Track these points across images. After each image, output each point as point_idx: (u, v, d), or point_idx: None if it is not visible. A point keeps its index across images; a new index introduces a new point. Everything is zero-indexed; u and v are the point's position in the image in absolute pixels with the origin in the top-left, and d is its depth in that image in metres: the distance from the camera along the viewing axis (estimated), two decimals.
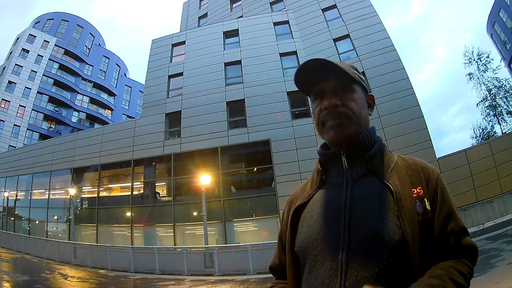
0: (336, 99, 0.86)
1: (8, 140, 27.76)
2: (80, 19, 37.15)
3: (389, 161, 0.87)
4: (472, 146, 15.94)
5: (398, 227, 0.74)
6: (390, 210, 0.77)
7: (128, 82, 41.59)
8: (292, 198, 0.98)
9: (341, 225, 0.78)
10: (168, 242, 14.08)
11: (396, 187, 0.80)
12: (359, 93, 0.90)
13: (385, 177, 0.82)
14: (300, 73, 0.90)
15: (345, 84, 0.88)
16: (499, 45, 31.23)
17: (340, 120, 0.85)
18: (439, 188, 0.83)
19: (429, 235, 0.77)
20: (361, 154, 0.86)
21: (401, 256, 0.73)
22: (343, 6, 17.11)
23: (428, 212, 0.78)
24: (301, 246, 0.84)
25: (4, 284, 8.12)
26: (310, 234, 0.83)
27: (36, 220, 18.78)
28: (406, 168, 0.85)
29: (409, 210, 0.77)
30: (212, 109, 15.50)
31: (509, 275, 5.31)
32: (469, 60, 26.62)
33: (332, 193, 0.85)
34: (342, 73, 0.87)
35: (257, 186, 14.85)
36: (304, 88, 0.94)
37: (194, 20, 25.39)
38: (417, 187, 0.81)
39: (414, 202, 0.78)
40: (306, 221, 0.86)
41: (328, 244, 0.79)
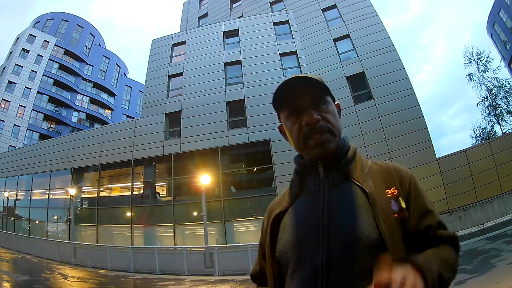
0: (316, 113, 0.87)
1: (8, 140, 27.76)
2: (80, 19, 37.16)
3: (363, 166, 0.90)
4: (472, 146, 15.94)
5: (374, 226, 0.77)
6: (366, 211, 0.80)
7: (128, 82, 41.60)
8: (272, 208, 1.00)
9: (319, 228, 0.81)
10: (168, 242, 14.09)
11: (370, 189, 0.83)
12: (332, 104, 0.93)
13: (359, 181, 0.85)
14: (279, 93, 0.90)
15: (321, 98, 0.89)
16: (499, 45, 31.23)
17: (323, 136, 0.86)
18: (413, 187, 0.86)
19: (407, 231, 0.81)
20: (335, 162, 0.89)
21: (380, 253, 0.75)
22: (343, 6, 17.10)
23: (404, 210, 0.82)
24: (282, 251, 0.86)
25: (4, 284, 8.12)
26: (290, 239, 0.85)
27: (36, 220, 18.78)
28: (379, 171, 0.89)
29: (384, 210, 0.80)
30: (212, 109, 15.51)
31: (509, 275, 5.31)
32: (469, 60, 26.64)
33: (310, 200, 0.88)
34: (319, 87, 0.88)
35: (257, 186, 14.85)
36: (278, 106, 0.94)
37: (194, 20, 25.40)
38: (391, 188, 0.84)
39: (389, 201, 0.82)
40: (286, 228, 0.88)
41: (308, 247, 0.81)
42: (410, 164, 12.97)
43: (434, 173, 12.75)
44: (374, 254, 0.74)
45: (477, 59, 26.40)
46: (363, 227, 0.77)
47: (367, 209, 0.80)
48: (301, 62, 16.12)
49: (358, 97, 14.74)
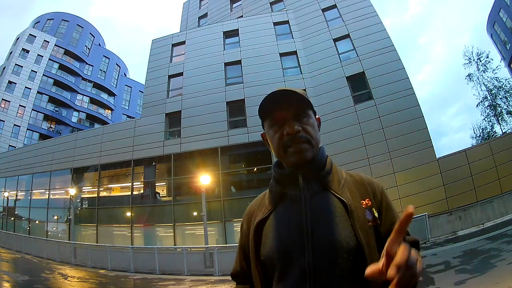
0: (297, 125, 0.94)
1: (8, 140, 27.76)
2: (80, 19, 37.16)
3: (339, 178, 0.98)
4: (472, 146, 15.95)
5: (353, 234, 0.86)
6: (345, 220, 0.88)
7: (128, 82, 41.60)
8: (250, 212, 1.06)
9: (304, 235, 0.88)
10: (168, 242, 14.09)
11: (348, 200, 0.91)
12: (313, 117, 0.99)
13: (338, 192, 0.93)
14: (265, 104, 0.97)
15: (303, 110, 0.96)
16: (499, 45, 31.23)
17: (302, 145, 0.93)
18: (384, 199, 0.96)
19: (380, 238, 0.89)
20: (315, 173, 0.96)
21: (359, 258, 0.84)
22: (343, 6, 17.10)
23: (377, 219, 0.91)
24: (268, 255, 0.92)
25: (4, 284, 8.12)
26: (276, 245, 0.91)
27: (36, 220, 18.78)
28: (354, 183, 0.97)
29: (360, 219, 0.89)
30: (212, 109, 15.51)
31: (509, 275, 5.31)
32: (469, 60, 26.63)
33: (293, 208, 0.94)
34: (302, 101, 0.95)
35: (257, 186, 14.82)
36: (263, 116, 1.01)
37: (194, 20, 25.40)
38: (365, 199, 0.93)
39: (364, 211, 0.91)
40: (270, 233, 0.94)
41: (295, 252, 0.88)
42: (410, 164, 12.99)
43: (434, 173, 12.75)
44: (354, 259, 0.84)
45: (477, 59, 26.41)
46: (343, 235, 0.86)
47: (345, 218, 0.89)
48: (301, 62, 16.12)
49: (358, 97, 14.73)
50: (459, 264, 6.94)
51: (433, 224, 11.42)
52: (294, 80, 15.51)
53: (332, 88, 14.97)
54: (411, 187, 12.64)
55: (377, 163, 13.21)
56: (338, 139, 13.92)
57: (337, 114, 14.40)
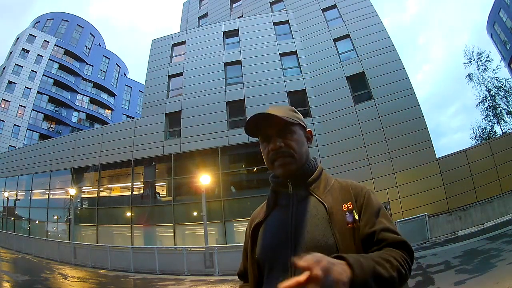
0: (280, 141, 1.05)
1: (8, 140, 27.76)
2: (80, 19, 37.15)
3: (326, 184, 1.08)
4: (472, 146, 15.94)
5: (330, 234, 0.95)
6: (324, 222, 0.98)
7: (128, 82, 41.60)
8: (253, 217, 1.19)
9: (288, 236, 0.99)
10: (168, 242, 14.09)
11: (329, 204, 1.01)
12: (298, 132, 1.10)
13: (321, 197, 1.03)
14: (249, 126, 1.09)
15: (286, 128, 1.07)
16: (499, 45, 31.22)
17: (285, 159, 1.05)
18: (366, 201, 1.03)
19: (358, 238, 0.97)
20: (303, 180, 1.07)
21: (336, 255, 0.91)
22: (343, 6, 17.11)
23: (357, 221, 0.98)
24: (260, 254, 1.05)
25: (4, 284, 8.12)
26: (267, 245, 1.04)
27: (36, 220, 18.78)
28: (339, 189, 1.06)
29: (339, 221, 0.97)
30: (212, 109, 15.51)
31: (509, 275, 5.31)
32: (469, 60, 26.63)
33: (282, 212, 1.06)
34: (281, 121, 1.04)
35: (257, 186, 14.82)
36: (252, 134, 1.12)
37: (194, 20, 25.41)
38: (347, 203, 1.01)
39: (344, 214, 0.99)
40: (263, 235, 1.07)
41: (280, 251, 0.99)
42: (410, 164, 12.99)
43: (434, 173, 12.75)
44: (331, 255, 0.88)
45: (477, 59, 26.41)
46: (322, 235, 0.96)
47: (325, 220, 0.98)
48: (301, 62, 16.12)
49: (358, 97, 14.73)
50: (459, 264, 6.94)
51: (433, 224, 11.43)
52: (294, 80, 15.52)
53: (332, 88, 14.97)
54: (411, 187, 12.64)
55: (377, 163, 13.21)
56: (338, 139, 13.92)
57: (337, 114, 14.40)
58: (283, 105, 1.33)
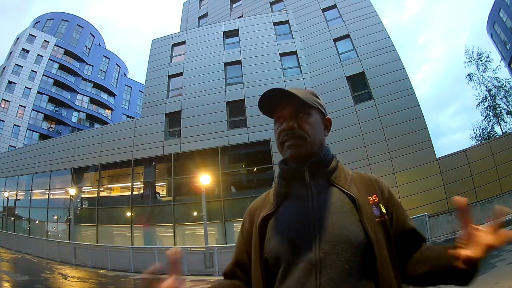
0: (293, 122, 0.98)
1: (8, 140, 27.76)
2: (80, 19, 37.15)
3: (346, 175, 1.00)
4: (472, 146, 15.93)
5: (361, 229, 0.87)
6: (353, 215, 0.89)
7: (128, 82, 41.60)
8: (253, 210, 1.06)
9: (311, 230, 0.88)
10: (168, 242, 14.08)
11: (356, 195, 0.92)
12: (315, 116, 1.01)
13: (345, 187, 0.94)
14: (264, 101, 1.03)
15: (302, 109, 0.99)
16: (499, 45, 31.22)
17: (296, 141, 0.97)
18: (391, 197, 0.99)
19: (387, 233, 0.91)
20: (321, 169, 0.98)
21: (366, 253, 0.85)
22: (343, 6, 17.10)
23: (384, 214, 0.93)
24: (273, 252, 0.91)
25: (4, 284, 8.12)
26: (282, 241, 0.91)
27: (36, 220, 18.77)
28: (361, 180, 0.99)
29: (368, 214, 0.90)
30: (212, 109, 15.51)
31: (509, 275, 5.31)
32: (469, 60, 26.63)
33: (299, 203, 0.95)
34: (298, 100, 0.98)
35: (257, 186, 14.82)
36: (267, 113, 1.07)
37: (194, 20, 25.40)
38: (372, 195, 0.95)
39: (371, 207, 0.92)
40: (276, 229, 0.94)
41: (301, 248, 0.88)
42: (410, 164, 12.99)
43: (434, 173, 12.75)
44: (362, 254, 0.85)
45: (477, 59, 26.40)
46: (352, 229, 0.87)
47: (353, 213, 0.89)
48: (301, 62, 16.12)
49: (358, 97, 14.73)
50: None
51: (433, 224, 11.43)
52: (294, 80, 15.51)
53: (332, 88, 14.96)
54: (411, 187, 12.64)
55: (377, 163, 13.21)
56: (338, 139, 13.90)
57: (337, 114, 14.37)
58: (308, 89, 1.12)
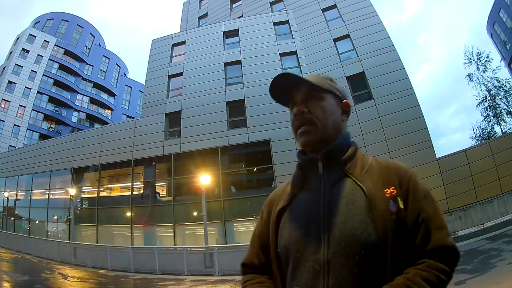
0: (304, 106, 0.94)
1: (8, 140, 27.75)
2: (80, 19, 37.14)
3: (363, 164, 0.92)
4: (472, 146, 15.93)
5: (372, 227, 0.79)
6: (365, 211, 0.81)
7: (128, 82, 41.59)
8: (272, 199, 1.02)
9: (320, 227, 0.83)
10: (168, 242, 14.08)
11: (368, 188, 0.84)
12: (329, 100, 0.95)
13: (359, 179, 0.86)
14: (275, 88, 0.98)
15: (314, 93, 0.94)
16: (499, 45, 31.22)
17: (307, 127, 0.92)
18: (411, 186, 0.85)
19: (404, 232, 0.80)
20: (336, 158, 0.91)
21: (377, 255, 0.78)
22: (343, 6, 17.10)
23: (401, 210, 0.81)
24: (284, 247, 0.88)
25: (4, 284, 8.12)
26: (292, 236, 0.87)
27: (36, 220, 18.77)
28: (379, 170, 0.90)
29: (381, 210, 0.80)
30: (212, 109, 15.51)
31: (509, 275, 5.31)
32: (469, 60, 26.62)
33: (311, 197, 0.90)
34: (309, 85, 0.94)
35: (257, 186, 14.83)
36: (280, 100, 1.01)
37: (194, 20, 25.40)
38: (390, 187, 0.84)
39: (388, 201, 0.82)
40: (288, 223, 0.90)
41: (309, 245, 0.83)
42: (410, 164, 12.82)
43: (434, 173, 12.75)
44: (372, 256, 0.78)
45: (477, 59, 26.40)
46: (362, 228, 0.79)
47: (365, 209, 0.81)
48: (301, 62, 16.12)
49: (358, 97, 14.73)
50: (459, 264, 6.89)
51: None
52: None
53: None
54: None
55: None
56: None
57: None
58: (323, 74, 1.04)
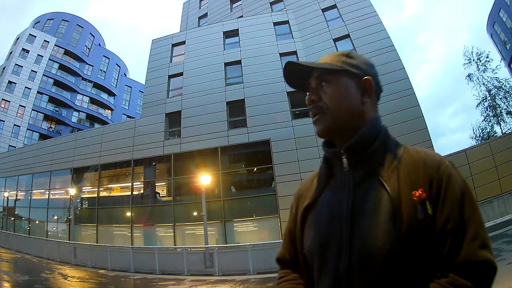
0: (314, 94, 0.85)
1: (8, 140, 27.75)
2: (80, 19, 37.15)
3: (392, 158, 0.78)
4: (472, 146, 15.94)
5: (396, 238, 0.69)
6: (388, 218, 0.71)
7: (128, 82, 41.59)
8: (300, 193, 0.94)
9: (343, 234, 0.75)
10: (168, 242, 14.08)
11: (394, 190, 0.72)
12: (341, 82, 0.83)
13: (385, 178, 0.75)
14: (287, 78, 0.91)
15: (325, 77, 0.84)
16: (499, 45, 31.22)
17: (318, 116, 0.84)
18: (444, 187, 0.72)
19: (433, 242, 0.70)
20: (362, 152, 0.79)
21: (400, 268, 0.69)
22: (343, 6, 17.10)
23: (430, 216, 0.70)
24: (308, 251, 0.83)
25: (4, 284, 8.11)
26: (315, 240, 0.81)
27: (36, 220, 18.77)
28: (409, 165, 0.76)
29: (407, 216, 0.69)
30: (212, 109, 15.50)
31: (509, 275, 5.31)
32: (469, 60, 26.64)
33: (335, 198, 0.81)
34: (317, 69, 0.86)
35: (257, 186, 14.83)
36: (298, 88, 0.93)
37: (194, 20, 25.40)
38: (418, 188, 0.72)
39: (415, 206, 0.70)
40: (312, 225, 0.84)
41: (332, 252, 0.76)
42: None
43: None
44: (395, 269, 0.69)
45: (476, 59, 26.41)
46: (384, 238, 0.69)
47: (390, 215, 0.71)
48: None
49: None
50: None
51: None
52: None
53: None
54: None
55: None
56: None
57: None
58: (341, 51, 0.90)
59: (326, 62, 0.86)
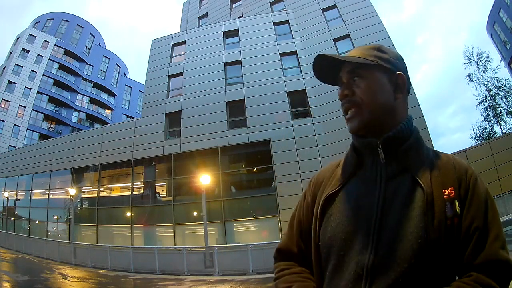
0: (347, 89, 0.83)
1: (8, 140, 27.75)
2: (80, 19, 37.15)
3: (423, 157, 0.80)
4: (472, 146, 15.93)
5: (427, 231, 0.70)
6: (421, 214, 0.72)
7: (128, 82, 41.60)
8: (319, 181, 0.90)
9: (371, 227, 0.74)
10: (168, 242, 14.08)
11: (428, 187, 0.74)
12: (375, 76, 0.82)
13: (418, 175, 0.76)
14: (317, 73, 0.90)
15: (358, 71, 0.83)
16: (499, 45, 31.21)
17: (352, 111, 0.82)
18: (471, 189, 0.75)
19: (458, 241, 0.72)
20: (398, 147, 0.80)
21: (429, 265, 0.69)
22: (343, 6, 17.10)
23: (457, 215, 0.72)
24: (327, 242, 0.79)
25: (4, 284, 8.11)
26: (338, 232, 0.78)
27: (36, 220, 18.77)
28: (440, 166, 0.79)
29: (438, 214, 0.71)
30: (212, 109, 15.51)
31: None
32: (469, 60, 26.64)
33: (365, 189, 0.79)
34: (350, 63, 0.84)
35: (257, 186, 14.84)
36: (328, 82, 0.92)
37: (194, 20, 25.40)
38: (448, 188, 0.74)
39: (445, 204, 0.72)
40: (334, 215, 0.80)
41: (356, 246, 0.75)
42: None
43: None
44: (422, 265, 0.69)
45: (477, 59, 26.42)
46: (416, 233, 0.70)
47: (422, 212, 0.72)
48: (301, 62, 16.11)
49: None
50: None
51: None
52: (294, 80, 15.51)
53: (332, 88, 14.66)
54: None
55: None
56: (338, 139, 13.89)
57: (337, 114, 14.34)
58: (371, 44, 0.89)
59: (357, 56, 0.84)
